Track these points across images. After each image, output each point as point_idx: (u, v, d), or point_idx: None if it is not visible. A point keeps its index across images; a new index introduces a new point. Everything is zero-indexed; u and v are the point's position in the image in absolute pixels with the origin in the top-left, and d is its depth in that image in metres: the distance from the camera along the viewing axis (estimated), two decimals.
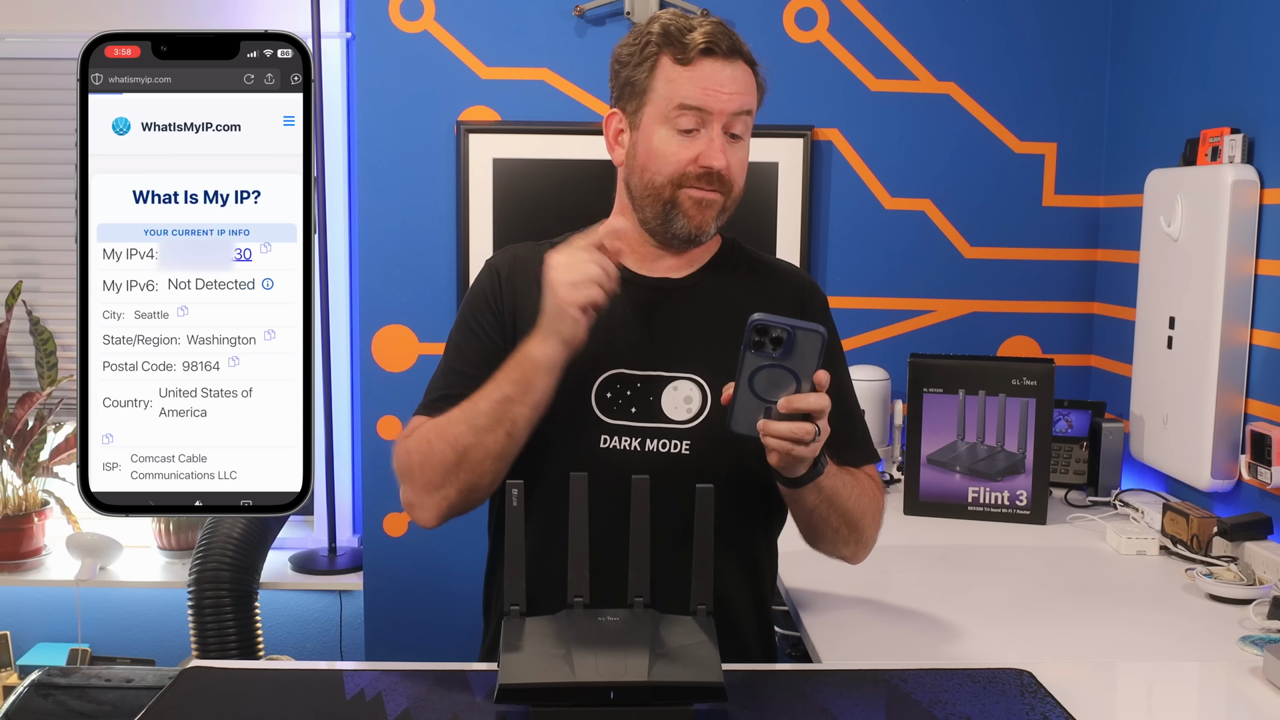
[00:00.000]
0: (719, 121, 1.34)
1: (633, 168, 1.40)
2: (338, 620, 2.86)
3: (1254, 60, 1.97)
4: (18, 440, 2.75)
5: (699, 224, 1.37)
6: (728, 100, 1.34)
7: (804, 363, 1.16)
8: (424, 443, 1.33)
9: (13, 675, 2.71)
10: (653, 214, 1.39)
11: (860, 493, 1.41)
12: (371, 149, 2.54)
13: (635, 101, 1.38)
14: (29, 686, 1.41)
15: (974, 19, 2.51)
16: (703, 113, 1.34)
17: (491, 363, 1.36)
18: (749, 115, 1.38)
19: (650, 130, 1.37)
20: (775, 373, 1.15)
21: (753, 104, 1.38)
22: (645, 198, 1.38)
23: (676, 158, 1.35)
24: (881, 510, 1.48)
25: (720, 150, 1.34)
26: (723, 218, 1.40)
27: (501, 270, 1.45)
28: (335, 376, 2.81)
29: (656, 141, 1.36)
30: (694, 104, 1.34)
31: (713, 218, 1.38)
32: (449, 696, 1.15)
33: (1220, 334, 1.94)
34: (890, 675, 1.23)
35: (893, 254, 2.56)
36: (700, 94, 1.34)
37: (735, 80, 1.35)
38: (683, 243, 1.40)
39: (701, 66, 1.34)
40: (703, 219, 1.37)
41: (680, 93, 1.34)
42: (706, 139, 1.35)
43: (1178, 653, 1.48)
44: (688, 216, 1.37)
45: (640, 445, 1.37)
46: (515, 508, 1.13)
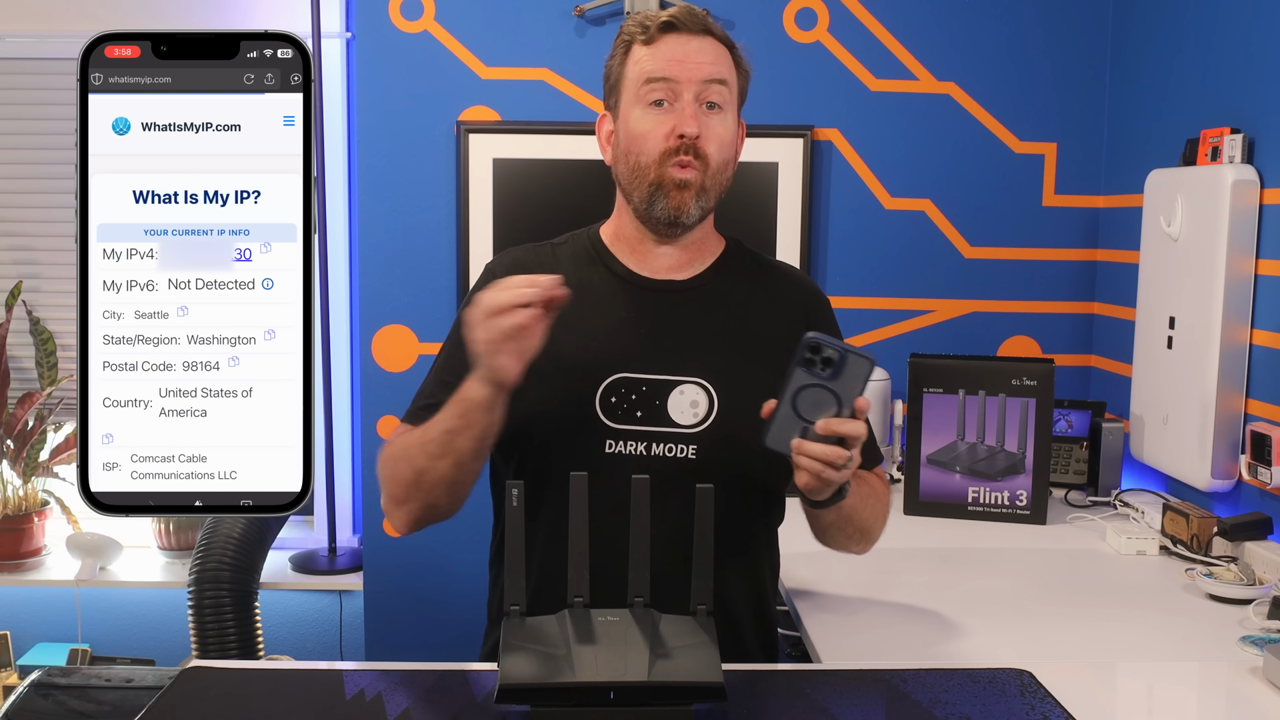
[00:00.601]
0: (688, 90, 1.34)
1: (618, 157, 1.40)
2: (338, 620, 2.87)
3: (1254, 60, 1.97)
4: (18, 440, 2.75)
5: (677, 205, 1.36)
6: (695, 69, 1.34)
7: (849, 387, 1.15)
8: (391, 459, 1.35)
9: (13, 675, 2.71)
10: (640, 198, 1.38)
11: (875, 501, 1.44)
12: (371, 149, 2.54)
13: (614, 95, 1.40)
14: (29, 686, 1.41)
15: (974, 19, 2.52)
16: (670, 82, 1.34)
17: None
18: (723, 85, 1.37)
19: (628, 114, 1.37)
20: (819, 393, 1.15)
21: (725, 73, 1.37)
22: (633, 182, 1.38)
23: (653, 133, 1.35)
24: (889, 509, 1.50)
25: (691, 117, 1.33)
26: (705, 198, 1.37)
27: (499, 274, 1.43)
28: (335, 376, 2.81)
29: (633, 122, 1.37)
30: (660, 75, 1.34)
31: (692, 199, 1.36)
32: (449, 696, 1.15)
33: (1220, 334, 1.94)
34: (890, 675, 1.23)
35: (893, 254, 2.57)
36: (665, 65, 1.34)
37: (702, 50, 1.35)
38: (666, 226, 1.38)
39: (665, 41, 1.35)
40: (681, 200, 1.36)
41: (646, 69, 1.35)
42: (678, 110, 1.34)
43: (1178, 653, 1.48)
44: (667, 198, 1.36)
45: (646, 449, 1.36)
46: (515, 508, 1.13)
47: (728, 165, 1.39)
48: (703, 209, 1.38)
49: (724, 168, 1.39)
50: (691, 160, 1.35)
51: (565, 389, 1.36)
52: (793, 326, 1.44)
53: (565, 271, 1.42)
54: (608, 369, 1.37)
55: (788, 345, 1.43)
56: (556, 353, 1.37)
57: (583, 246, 1.47)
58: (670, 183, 1.35)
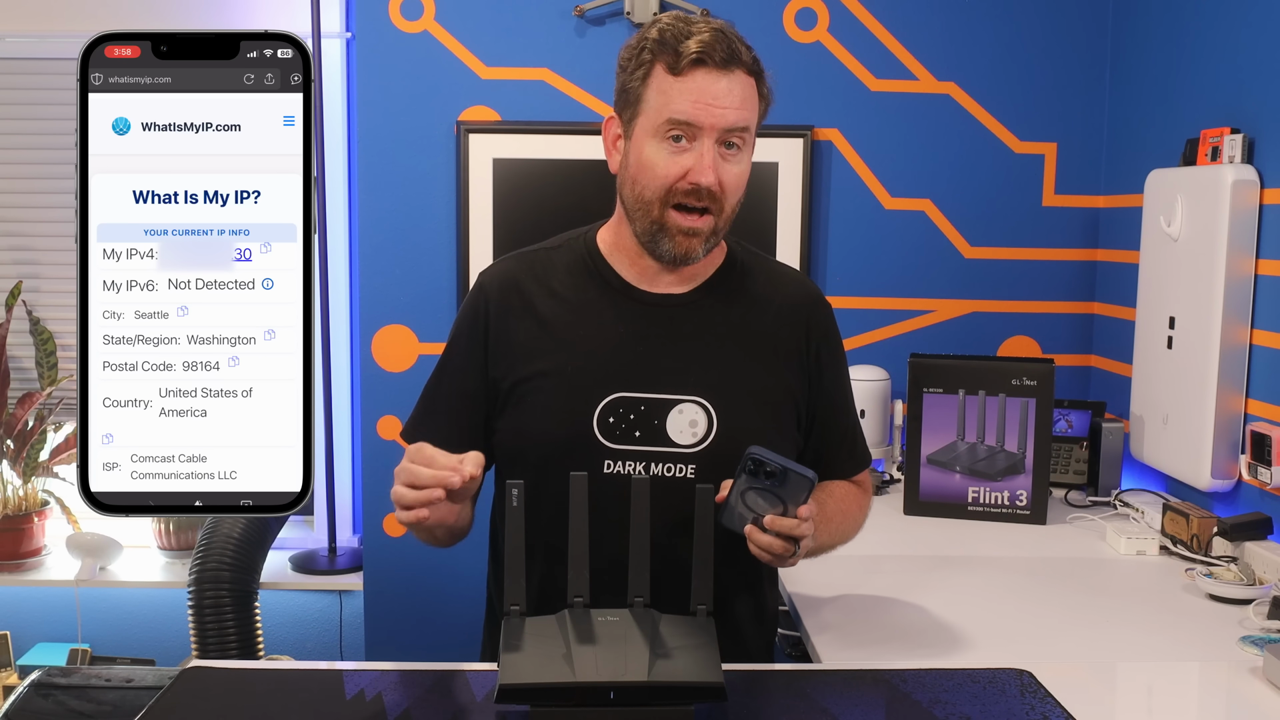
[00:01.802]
0: (710, 136, 1.29)
1: (624, 178, 1.37)
2: (338, 620, 2.87)
3: (1254, 60, 1.97)
4: (18, 440, 2.75)
5: (685, 250, 1.34)
6: (720, 115, 1.29)
7: (793, 495, 1.22)
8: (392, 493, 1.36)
9: (13, 675, 2.70)
10: (642, 229, 1.35)
11: (843, 520, 1.45)
12: (371, 149, 2.54)
13: (630, 110, 1.34)
14: (29, 686, 1.41)
15: (974, 19, 2.52)
16: (693, 127, 1.29)
17: (465, 404, 1.39)
18: (745, 131, 1.32)
19: (641, 142, 1.33)
20: (766, 495, 1.22)
21: (750, 119, 1.32)
22: (636, 211, 1.35)
23: (665, 172, 1.31)
24: (868, 508, 1.53)
25: (710, 166, 1.29)
26: (714, 240, 1.36)
27: (490, 294, 1.42)
28: (335, 376, 2.81)
29: (647, 153, 1.32)
30: (684, 119, 1.29)
31: (700, 244, 1.34)
32: (449, 696, 1.15)
33: (1220, 334, 1.94)
34: (890, 675, 1.23)
35: (893, 254, 2.57)
36: (690, 108, 1.28)
37: (730, 93, 1.29)
38: (671, 263, 1.37)
39: (694, 77, 1.28)
40: (689, 246, 1.34)
41: (671, 105, 1.29)
42: (696, 153, 1.30)
43: (1178, 653, 1.48)
44: (674, 242, 1.33)
45: (645, 469, 1.34)
46: (515, 508, 1.13)
47: (739, 202, 1.36)
48: (711, 247, 1.36)
49: (736, 207, 1.36)
50: (705, 206, 1.32)
51: (562, 409, 1.35)
52: (794, 337, 1.44)
53: (561, 282, 1.41)
54: (605, 388, 1.35)
55: (790, 359, 1.43)
56: (553, 371, 1.37)
57: (579, 255, 1.43)
58: (675, 228, 1.32)
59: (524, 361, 1.37)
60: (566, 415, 1.34)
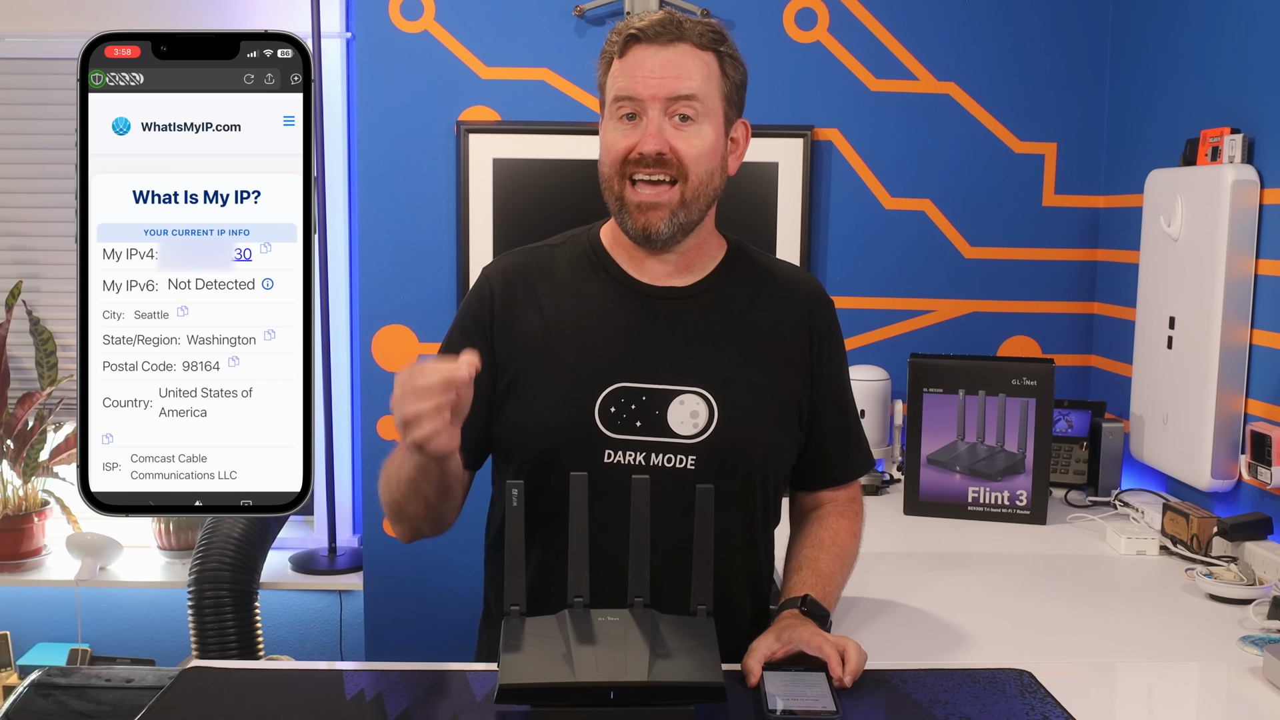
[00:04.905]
0: (654, 107, 1.31)
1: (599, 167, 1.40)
2: (338, 620, 2.87)
3: (1254, 60, 1.97)
4: (18, 440, 2.75)
5: (644, 224, 1.34)
6: (658, 85, 1.31)
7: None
8: (380, 483, 1.38)
9: (13, 675, 2.70)
10: (613, 211, 1.38)
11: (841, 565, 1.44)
12: (371, 149, 2.54)
13: (601, 105, 1.40)
14: (29, 686, 1.41)
15: (974, 19, 2.52)
16: (634, 100, 1.32)
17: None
18: (691, 99, 1.32)
19: (604, 126, 1.37)
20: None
21: (698, 89, 1.32)
22: (605, 193, 1.38)
23: (615, 146, 1.34)
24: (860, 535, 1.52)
25: (654, 134, 1.31)
26: (683, 214, 1.34)
27: (495, 286, 1.42)
28: (335, 376, 2.81)
29: (604, 135, 1.36)
30: (625, 94, 1.33)
31: (663, 218, 1.33)
32: (449, 696, 1.16)
33: (1220, 334, 1.94)
34: (890, 675, 1.23)
35: (893, 254, 2.57)
36: (629, 82, 1.32)
37: (667, 64, 1.31)
38: (642, 242, 1.37)
39: (632, 54, 1.33)
40: (648, 220, 1.34)
41: (616, 84, 1.34)
42: (643, 126, 1.32)
43: (1178, 653, 1.48)
44: (633, 217, 1.34)
45: (645, 460, 1.34)
46: (515, 508, 1.13)
47: (713, 175, 1.35)
48: (681, 225, 1.35)
49: (708, 179, 1.35)
50: (667, 178, 1.32)
51: (563, 399, 1.35)
52: (797, 333, 1.44)
53: (564, 274, 1.42)
54: (607, 378, 1.35)
55: (792, 353, 1.43)
56: (555, 361, 1.37)
57: (582, 250, 1.44)
58: (631, 203, 1.34)
59: (526, 352, 1.38)
60: (568, 405, 1.35)
